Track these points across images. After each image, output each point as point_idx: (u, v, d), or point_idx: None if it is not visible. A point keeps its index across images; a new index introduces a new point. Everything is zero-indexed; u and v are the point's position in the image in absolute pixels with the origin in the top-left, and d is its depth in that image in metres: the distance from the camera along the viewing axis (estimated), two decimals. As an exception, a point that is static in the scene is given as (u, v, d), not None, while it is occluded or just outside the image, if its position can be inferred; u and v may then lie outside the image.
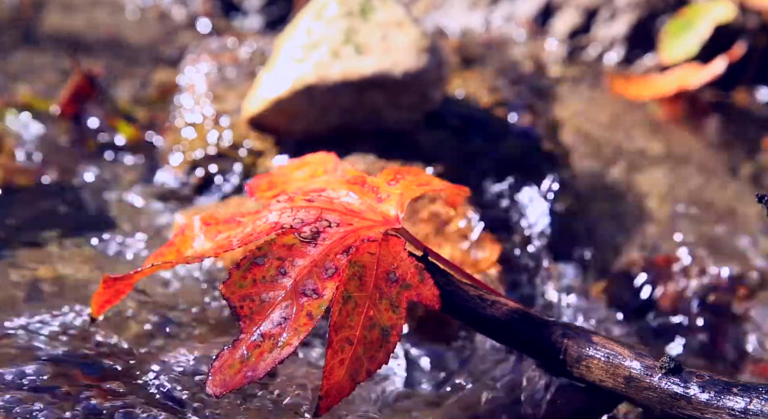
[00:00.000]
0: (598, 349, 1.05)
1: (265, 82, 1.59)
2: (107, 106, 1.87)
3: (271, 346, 0.96)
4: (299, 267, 1.01)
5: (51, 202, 1.59)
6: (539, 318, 1.09)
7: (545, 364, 1.10)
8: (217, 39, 2.01)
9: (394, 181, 1.15)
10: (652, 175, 1.84)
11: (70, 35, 2.17)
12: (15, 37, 2.15)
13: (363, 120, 1.60)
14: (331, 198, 1.12)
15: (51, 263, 1.38)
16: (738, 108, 2.12)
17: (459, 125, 1.74)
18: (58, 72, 2.00)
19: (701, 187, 1.82)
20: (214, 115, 1.68)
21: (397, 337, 0.98)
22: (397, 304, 0.99)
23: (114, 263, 1.43)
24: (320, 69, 1.54)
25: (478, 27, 2.29)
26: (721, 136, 2.01)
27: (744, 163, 1.93)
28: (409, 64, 1.55)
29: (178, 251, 1.15)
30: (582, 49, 2.23)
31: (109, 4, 2.35)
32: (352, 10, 1.61)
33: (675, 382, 1.01)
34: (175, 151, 1.66)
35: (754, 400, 0.97)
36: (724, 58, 2.07)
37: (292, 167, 1.26)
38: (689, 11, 2.14)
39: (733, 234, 1.70)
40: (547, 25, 2.27)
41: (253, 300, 0.99)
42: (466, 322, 1.11)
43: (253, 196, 1.22)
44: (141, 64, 2.08)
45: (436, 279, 1.03)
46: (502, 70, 2.11)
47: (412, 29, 1.59)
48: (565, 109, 2.00)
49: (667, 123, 2.04)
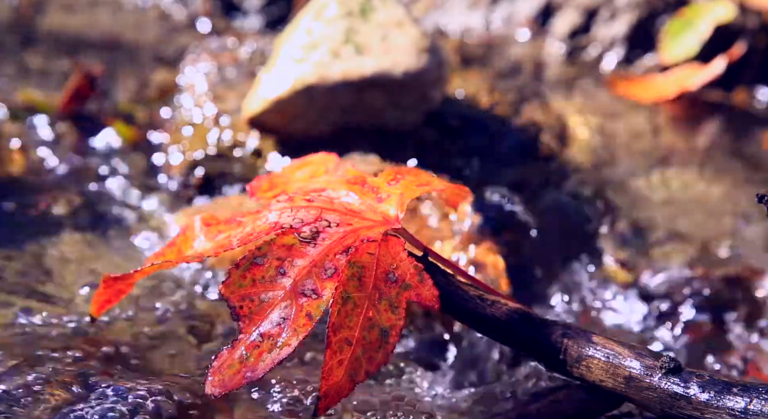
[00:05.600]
0: (598, 349, 1.05)
1: (265, 82, 1.59)
2: (107, 106, 1.87)
3: (270, 346, 0.96)
4: (299, 267, 1.01)
5: (51, 202, 1.59)
6: (539, 318, 1.09)
7: (545, 364, 1.10)
8: (217, 39, 2.01)
9: (394, 181, 1.14)
10: (653, 174, 1.84)
11: (70, 35, 2.17)
12: (15, 37, 2.14)
13: (363, 120, 1.60)
14: (331, 198, 1.12)
15: (50, 262, 1.39)
16: (738, 108, 2.11)
17: (459, 125, 1.74)
18: (58, 72, 2.00)
19: (702, 187, 1.82)
20: (214, 115, 1.68)
21: (397, 338, 0.98)
22: (396, 305, 0.99)
23: (114, 262, 1.43)
24: (320, 69, 1.54)
25: (478, 27, 2.29)
26: (721, 136, 2.01)
27: (744, 163, 1.93)
28: (409, 64, 1.55)
29: (179, 251, 1.15)
30: (582, 49, 2.23)
31: (109, 4, 2.35)
32: (352, 10, 1.61)
33: (675, 382, 1.01)
34: (175, 150, 1.66)
35: (754, 400, 0.97)
36: (724, 58, 2.07)
37: (293, 167, 1.26)
38: (689, 11, 2.14)
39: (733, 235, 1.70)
40: (547, 25, 2.27)
41: (253, 301, 0.99)
42: (466, 322, 1.11)
43: (254, 196, 1.22)
44: (141, 64, 2.08)
45: (436, 280, 1.02)
46: (502, 69, 2.11)
47: (412, 29, 1.59)
48: (565, 109, 2.00)
49: (668, 123, 2.04)
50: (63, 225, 1.52)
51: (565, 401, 1.09)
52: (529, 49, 2.23)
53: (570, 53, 2.23)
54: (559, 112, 1.98)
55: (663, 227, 1.69)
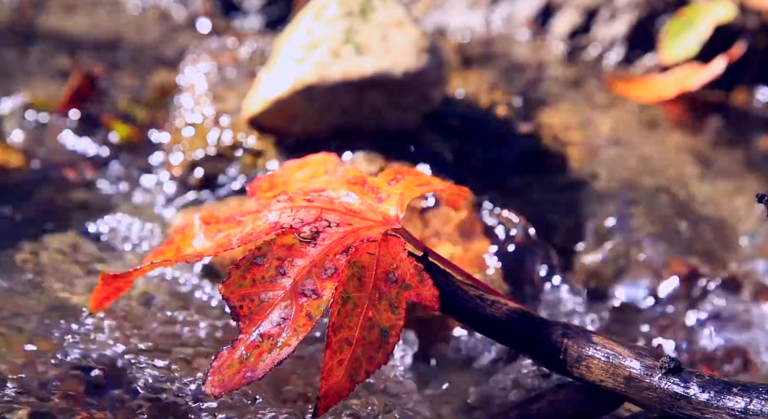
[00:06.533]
0: (598, 349, 1.05)
1: (265, 82, 1.59)
2: (107, 106, 1.87)
3: (270, 347, 0.96)
4: (298, 267, 1.01)
5: (50, 202, 1.59)
6: (539, 318, 1.10)
7: (545, 364, 1.10)
8: (217, 39, 2.01)
9: (394, 181, 1.15)
10: (654, 174, 1.84)
11: (70, 35, 2.17)
12: (15, 37, 2.14)
13: (363, 120, 1.60)
14: (331, 198, 1.12)
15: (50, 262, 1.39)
16: (738, 108, 2.11)
17: (459, 125, 1.74)
18: (58, 72, 2.00)
19: (702, 187, 1.83)
20: (214, 115, 1.68)
21: (396, 338, 0.98)
22: (396, 305, 0.99)
23: (113, 262, 1.43)
24: (320, 69, 1.54)
25: (478, 27, 2.29)
26: (721, 136, 2.01)
27: (744, 163, 1.93)
28: (409, 64, 1.55)
29: (177, 249, 1.15)
30: (582, 49, 2.23)
31: (109, 4, 2.35)
32: (352, 10, 1.61)
33: (675, 382, 1.01)
34: (175, 150, 1.66)
35: (754, 400, 0.97)
36: (724, 58, 2.07)
37: (293, 168, 1.26)
38: (689, 11, 2.14)
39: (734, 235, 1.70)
40: (548, 24, 2.27)
41: (253, 301, 0.99)
42: (466, 322, 1.11)
43: (254, 196, 1.22)
44: (141, 64, 2.08)
45: (436, 280, 1.02)
46: (502, 69, 2.11)
47: (412, 29, 1.59)
48: (565, 109, 2.00)
49: (668, 123, 2.04)
50: (62, 224, 1.52)
51: (565, 401, 1.09)
52: (530, 49, 2.23)
53: (570, 53, 2.23)
54: (559, 112, 1.98)
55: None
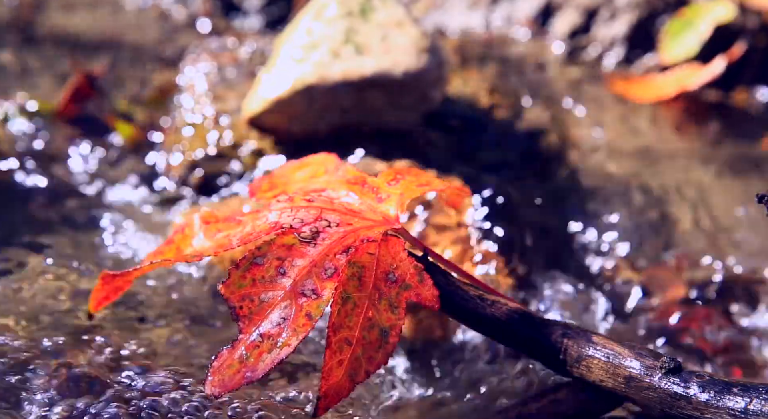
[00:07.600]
0: (598, 349, 1.05)
1: (265, 82, 1.59)
2: (107, 106, 1.87)
3: (270, 347, 0.96)
4: (298, 267, 1.01)
5: (50, 202, 1.59)
6: (539, 318, 1.10)
7: (545, 364, 1.10)
8: (217, 39, 2.01)
9: (394, 181, 1.14)
10: (654, 175, 1.84)
11: (70, 35, 2.17)
12: (15, 37, 2.14)
13: (363, 120, 1.60)
14: (331, 198, 1.12)
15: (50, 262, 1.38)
16: (738, 108, 2.11)
17: (459, 125, 1.74)
18: (58, 72, 2.00)
19: (702, 186, 1.83)
20: (214, 115, 1.68)
21: (396, 338, 0.98)
22: (396, 305, 0.99)
23: (113, 261, 1.43)
24: (320, 69, 1.54)
25: (478, 27, 2.29)
26: (721, 136, 2.01)
27: (744, 163, 1.93)
28: (409, 64, 1.55)
29: (177, 249, 1.15)
30: (582, 49, 2.23)
31: (109, 4, 2.34)
32: (352, 10, 1.61)
33: (675, 382, 1.01)
34: (175, 150, 1.66)
35: (754, 400, 0.97)
36: (724, 58, 2.07)
37: (293, 168, 1.26)
38: (689, 11, 2.14)
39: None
40: (547, 24, 2.27)
41: (252, 301, 0.99)
42: (466, 322, 1.11)
43: (254, 196, 1.22)
44: (141, 64, 2.08)
45: (436, 280, 1.02)
46: (502, 70, 2.11)
47: (412, 29, 1.59)
48: (565, 109, 2.00)
49: (667, 123, 2.04)
50: (62, 224, 1.52)
51: (565, 401, 1.09)
52: (530, 49, 2.23)
53: (570, 53, 2.23)
54: (559, 112, 1.98)
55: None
